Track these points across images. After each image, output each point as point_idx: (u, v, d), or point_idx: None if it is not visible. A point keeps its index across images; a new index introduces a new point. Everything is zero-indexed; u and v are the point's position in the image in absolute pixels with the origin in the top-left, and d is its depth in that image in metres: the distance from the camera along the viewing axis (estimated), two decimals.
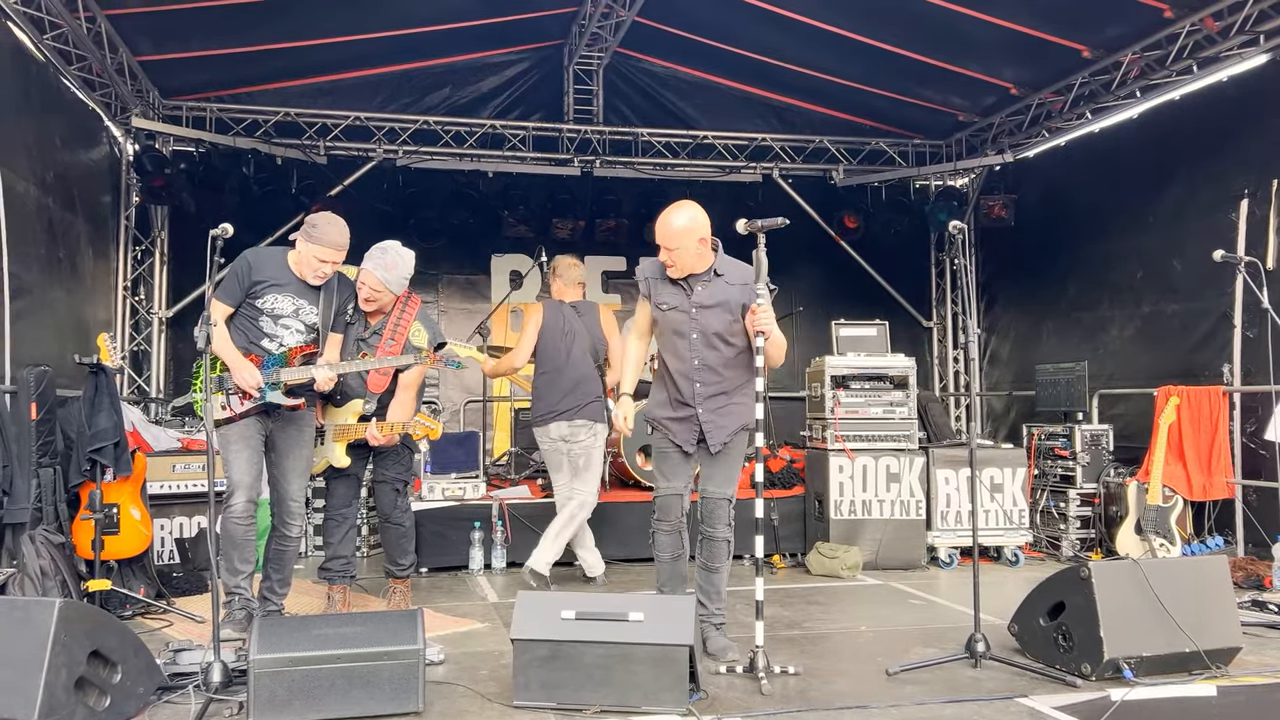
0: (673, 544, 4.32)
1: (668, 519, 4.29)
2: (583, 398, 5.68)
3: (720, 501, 4.24)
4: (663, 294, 4.27)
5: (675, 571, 4.33)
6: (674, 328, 4.24)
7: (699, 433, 4.23)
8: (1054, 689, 3.76)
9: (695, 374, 4.21)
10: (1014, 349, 9.71)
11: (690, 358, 4.20)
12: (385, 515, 5.13)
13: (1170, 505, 6.31)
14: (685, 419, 4.24)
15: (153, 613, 5.01)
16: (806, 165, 9.81)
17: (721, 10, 7.77)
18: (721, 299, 4.17)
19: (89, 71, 7.31)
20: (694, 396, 4.21)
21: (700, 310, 4.18)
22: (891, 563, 6.47)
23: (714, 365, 4.20)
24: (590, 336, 5.75)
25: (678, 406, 4.25)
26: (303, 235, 4.47)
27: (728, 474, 4.27)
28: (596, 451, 5.79)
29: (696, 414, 4.21)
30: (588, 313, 5.85)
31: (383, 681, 3.38)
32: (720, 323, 4.17)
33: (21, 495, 4.97)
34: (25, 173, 6.18)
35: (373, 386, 4.86)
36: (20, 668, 3.04)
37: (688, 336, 4.20)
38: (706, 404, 4.20)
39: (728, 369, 4.20)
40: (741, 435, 4.27)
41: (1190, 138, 7.35)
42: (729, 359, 4.20)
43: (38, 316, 6.29)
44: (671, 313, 4.24)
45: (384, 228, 6.35)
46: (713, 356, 4.19)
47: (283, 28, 7.60)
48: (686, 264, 4.16)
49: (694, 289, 4.20)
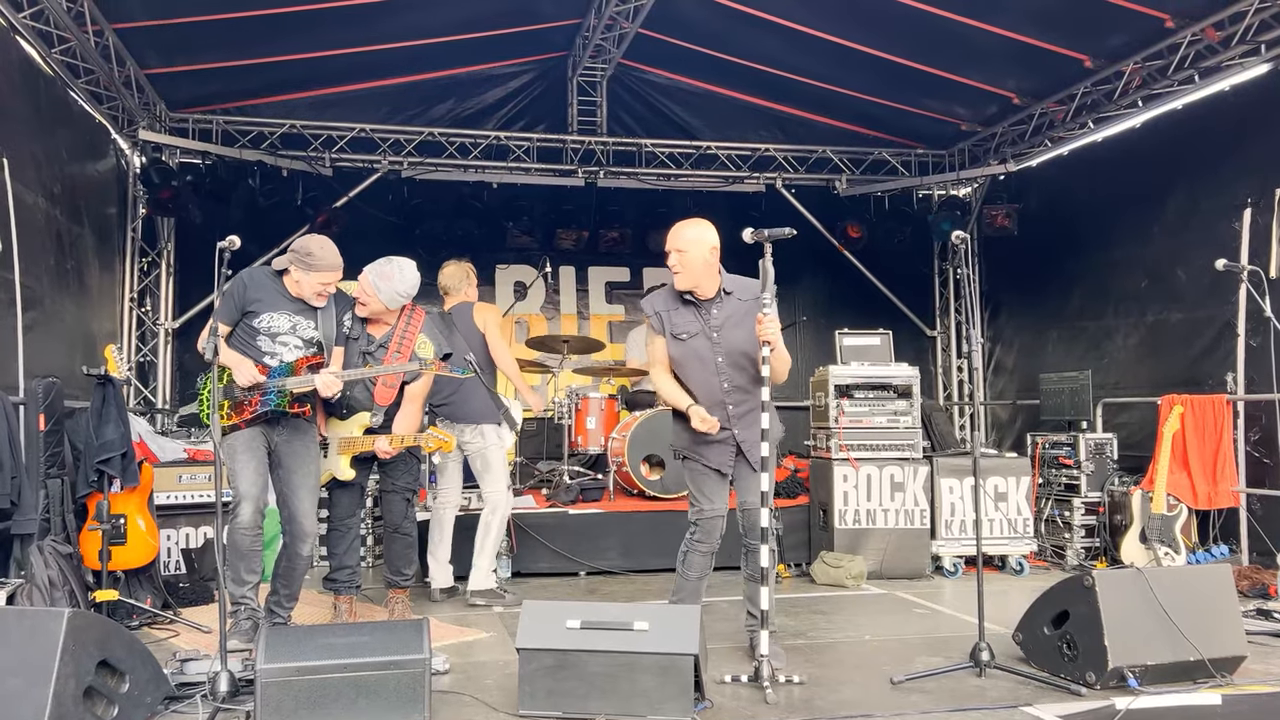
0: (704, 565, 4.29)
1: (708, 541, 4.26)
2: (460, 403, 5.62)
3: (759, 511, 4.15)
4: (678, 323, 4.23)
5: (697, 590, 4.31)
6: (697, 355, 4.20)
7: (735, 450, 4.22)
8: (1058, 698, 3.76)
9: (727, 396, 4.19)
10: (1018, 358, 9.72)
11: (719, 381, 4.18)
12: (395, 525, 5.14)
13: (1175, 514, 6.31)
14: (721, 441, 4.21)
15: (159, 623, 5.03)
16: (809, 175, 9.84)
17: (724, 21, 7.80)
18: (739, 316, 4.17)
19: (96, 85, 7.37)
20: (729, 419, 4.18)
21: (720, 332, 4.18)
22: (896, 572, 6.47)
23: (743, 384, 4.19)
24: (464, 340, 5.64)
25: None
26: (297, 265, 4.46)
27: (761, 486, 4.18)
28: (491, 451, 5.69)
29: (733, 434, 4.20)
30: (460, 316, 5.79)
31: (389, 691, 3.39)
32: (741, 339, 4.15)
33: (30, 506, 4.99)
34: (35, 185, 6.24)
35: (380, 399, 4.88)
36: (29, 677, 3.06)
37: (712, 361, 4.18)
38: (740, 422, 4.19)
39: (755, 384, 4.14)
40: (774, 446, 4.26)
41: (1192, 147, 7.37)
42: (754, 375, 4.14)
43: (47, 328, 6.33)
44: (692, 340, 4.20)
45: (389, 239, 6.42)
46: (740, 376, 4.19)
47: (288, 40, 7.65)
48: (694, 271, 4.15)
49: (710, 311, 4.20)
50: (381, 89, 8.98)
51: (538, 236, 9.32)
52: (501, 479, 5.73)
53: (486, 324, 5.78)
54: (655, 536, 6.44)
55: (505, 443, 5.83)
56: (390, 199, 9.11)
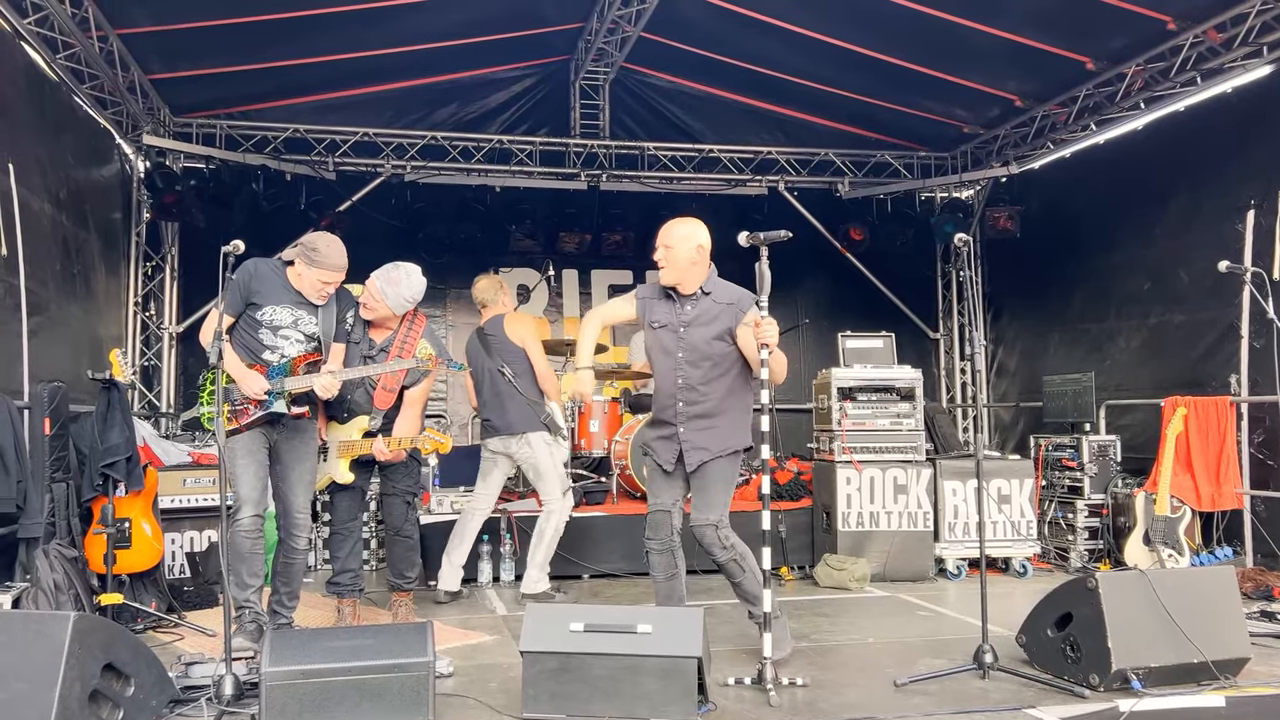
0: (665, 564, 4.31)
1: (657, 536, 4.30)
2: (501, 414, 5.73)
3: (704, 528, 4.19)
4: (656, 312, 4.32)
5: (671, 591, 4.33)
6: (662, 345, 4.28)
7: (678, 452, 4.25)
8: (1062, 700, 3.76)
9: (679, 392, 4.24)
10: (1021, 360, 9.72)
11: (675, 376, 4.24)
12: (396, 528, 5.15)
13: (1178, 516, 6.30)
14: (668, 437, 4.28)
15: (164, 626, 5.04)
16: (812, 178, 9.84)
17: (727, 25, 7.81)
18: (709, 317, 4.21)
19: (101, 90, 7.39)
20: (676, 415, 4.24)
21: (687, 328, 4.23)
22: (899, 574, 6.47)
23: (696, 384, 4.22)
24: (498, 353, 5.75)
25: (661, 425, 4.31)
26: (301, 258, 4.50)
27: (709, 499, 4.21)
28: (542, 459, 5.77)
29: (678, 432, 4.24)
30: (495, 329, 5.86)
31: (393, 694, 3.40)
32: (705, 341, 4.19)
33: (35, 510, 5.00)
34: (40, 190, 6.26)
35: (379, 403, 4.90)
36: (35, 680, 3.07)
37: (674, 354, 4.24)
38: (689, 424, 4.22)
39: (712, 389, 4.19)
40: (727, 460, 4.23)
41: (1195, 149, 7.37)
42: (714, 379, 4.19)
43: (53, 332, 6.35)
44: (661, 330, 4.28)
45: (392, 243, 6.44)
46: (696, 375, 4.22)
47: (292, 45, 7.67)
48: (679, 268, 4.21)
49: (684, 307, 4.26)
50: (385, 93, 9.00)
51: (540, 240, 9.34)
52: (556, 485, 5.82)
53: (525, 338, 5.85)
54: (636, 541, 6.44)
55: (559, 450, 5.92)
56: (393, 203, 9.12)
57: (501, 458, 5.88)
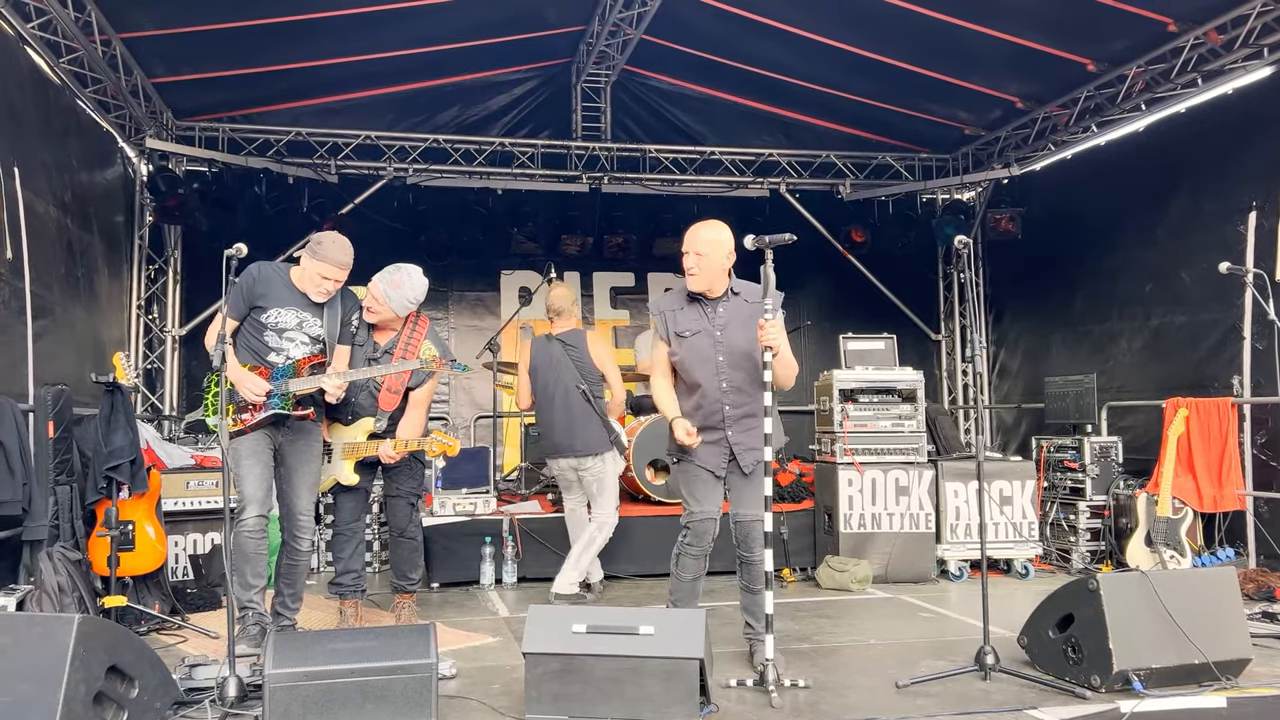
0: (698, 567, 4.30)
1: (700, 544, 4.25)
2: (579, 434, 5.74)
3: (755, 524, 4.17)
4: (683, 321, 4.26)
5: (693, 591, 4.33)
6: (698, 353, 4.22)
7: (729, 454, 4.22)
8: (1063, 701, 3.76)
9: (724, 396, 4.19)
10: (1023, 362, 9.72)
11: (718, 380, 4.19)
12: (399, 530, 5.16)
13: (1180, 517, 6.30)
14: (714, 443, 4.22)
15: (167, 628, 5.05)
16: (813, 180, 9.86)
17: (728, 27, 7.83)
18: (744, 317, 4.18)
19: (104, 94, 7.42)
20: (724, 420, 4.19)
21: (725, 331, 4.20)
22: (901, 576, 6.47)
23: (742, 385, 4.19)
24: (577, 368, 5.77)
25: (705, 431, 4.22)
26: (308, 252, 4.54)
27: (756, 496, 4.17)
28: (609, 476, 5.84)
29: (726, 436, 4.20)
30: (576, 343, 5.84)
31: (396, 696, 3.41)
32: (745, 340, 4.15)
33: (39, 513, 5.02)
34: (45, 194, 6.28)
35: (384, 405, 4.91)
36: (40, 682, 3.08)
37: (714, 359, 4.20)
38: (736, 425, 4.19)
39: (755, 388, 4.14)
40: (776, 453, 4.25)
41: (1196, 150, 7.37)
42: (755, 378, 4.14)
43: (57, 335, 6.37)
44: (695, 338, 4.22)
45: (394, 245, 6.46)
46: (740, 377, 4.19)
47: (294, 48, 7.69)
48: (710, 274, 4.19)
49: (716, 310, 4.23)
50: (387, 96, 9.02)
51: (542, 242, 9.36)
52: (612, 501, 5.89)
53: (605, 360, 5.88)
54: (660, 541, 6.41)
55: (619, 467, 5.99)
56: (395, 205, 9.13)
57: (571, 474, 5.92)
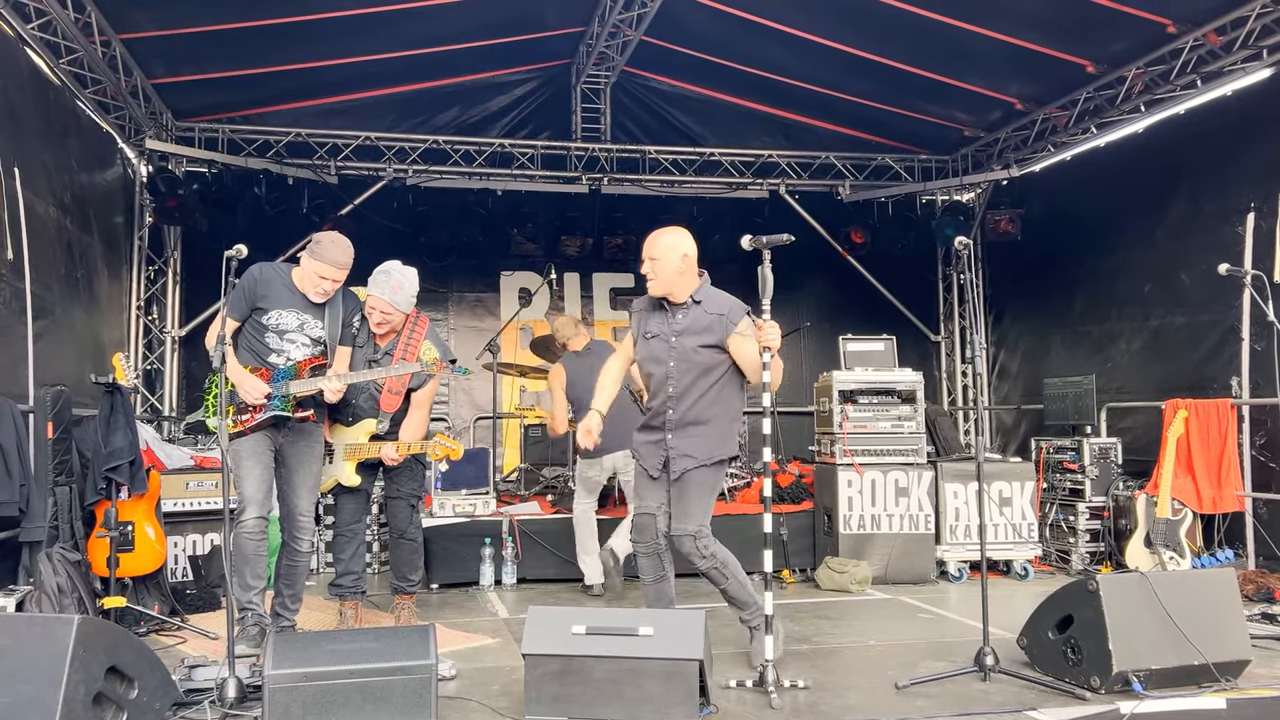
0: (653, 566, 4.30)
1: (643, 539, 4.30)
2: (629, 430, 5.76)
3: (681, 538, 4.16)
4: (649, 324, 4.35)
5: (660, 594, 4.32)
6: (654, 354, 4.29)
7: (664, 458, 4.25)
8: (1063, 702, 3.77)
9: (669, 400, 4.24)
10: (1022, 363, 9.72)
11: (666, 384, 4.25)
12: (400, 531, 5.16)
13: (1179, 518, 6.30)
14: (655, 443, 4.29)
15: (167, 629, 5.04)
16: (813, 181, 9.86)
17: (728, 28, 7.83)
18: (699, 326, 4.22)
19: (104, 95, 7.42)
20: (665, 422, 4.25)
21: (679, 337, 4.24)
22: (901, 577, 6.48)
23: (687, 392, 4.22)
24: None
25: (649, 431, 4.32)
26: (307, 252, 4.55)
27: (686, 508, 4.18)
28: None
29: (665, 439, 4.25)
30: (602, 352, 5.96)
31: (395, 697, 3.41)
32: (695, 349, 4.19)
33: (38, 514, 5.02)
34: (45, 194, 6.28)
35: (385, 406, 4.91)
36: (39, 683, 3.08)
37: (666, 363, 4.25)
38: (677, 431, 4.23)
39: (702, 398, 4.20)
40: (710, 469, 4.22)
41: (1196, 151, 7.37)
42: (705, 388, 4.20)
43: (57, 336, 6.38)
44: (653, 340, 4.30)
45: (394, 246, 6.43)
46: (686, 382, 4.22)
47: (294, 49, 7.70)
48: (666, 278, 4.24)
49: (675, 316, 4.28)
50: (386, 97, 9.03)
51: (542, 243, 9.36)
52: None
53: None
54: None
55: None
56: (395, 206, 9.14)
57: (609, 472, 6.11)
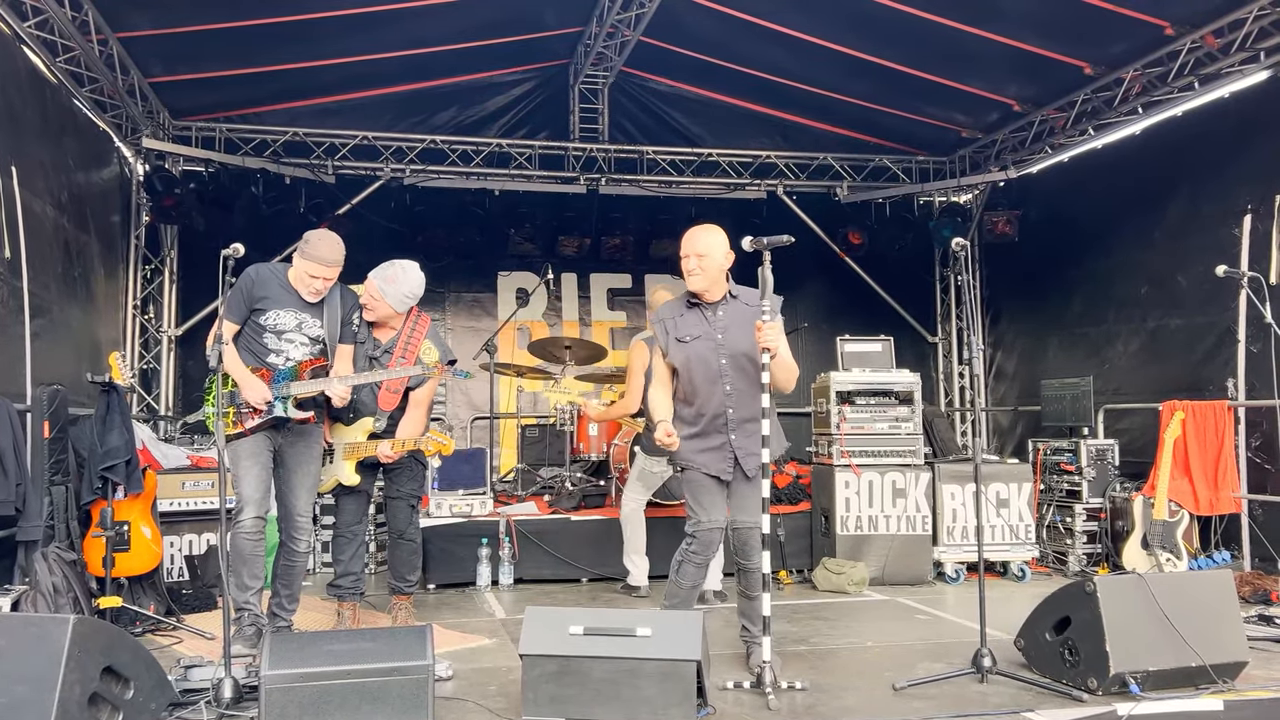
0: (698, 576, 4.28)
1: (705, 553, 4.23)
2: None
3: (754, 531, 4.16)
4: (683, 327, 4.24)
5: (689, 599, 4.31)
6: (700, 357, 4.19)
7: (734, 459, 4.20)
8: (1060, 704, 3.76)
9: (727, 400, 4.18)
10: (1019, 364, 9.73)
11: (721, 384, 4.18)
12: (399, 531, 5.14)
13: (1176, 520, 6.31)
14: (718, 447, 4.20)
15: (163, 629, 5.04)
16: (811, 182, 9.86)
17: (726, 29, 7.83)
18: (744, 320, 4.16)
19: (100, 93, 7.40)
20: (727, 424, 4.18)
21: (725, 334, 4.19)
22: (898, 578, 6.47)
23: (744, 389, 4.17)
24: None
25: (709, 437, 4.21)
26: (298, 251, 4.53)
27: (754, 503, 4.17)
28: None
29: (730, 440, 4.19)
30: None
31: (392, 697, 3.40)
32: (746, 343, 4.13)
33: (34, 513, 5.01)
34: (42, 193, 6.27)
35: (384, 404, 4.90)
36: (35, 683, 3.07)
37: (716, 363, 4.18)
38: (740, 430, 4.18)
39: (757, 391, 4.10)
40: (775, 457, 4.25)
41: (1193, 154, 7.39)
42: (757, 382, 4.11)
43: (54, 335, 6.36)
44: (696, 343, 4.20)
45: (391, 246, 6.44)
46: (742, 380, 4.18)
47: (291, 49, 7.68)
48: (712, 275, 4.18)
49: (716, 313, 4.22)
50: (384, 97, 9.02)
51: (540, 243, 9.35)
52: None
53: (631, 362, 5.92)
54: (657, 543, 6.43)
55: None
56: (393, 206, 9.13)
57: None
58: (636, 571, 6.09)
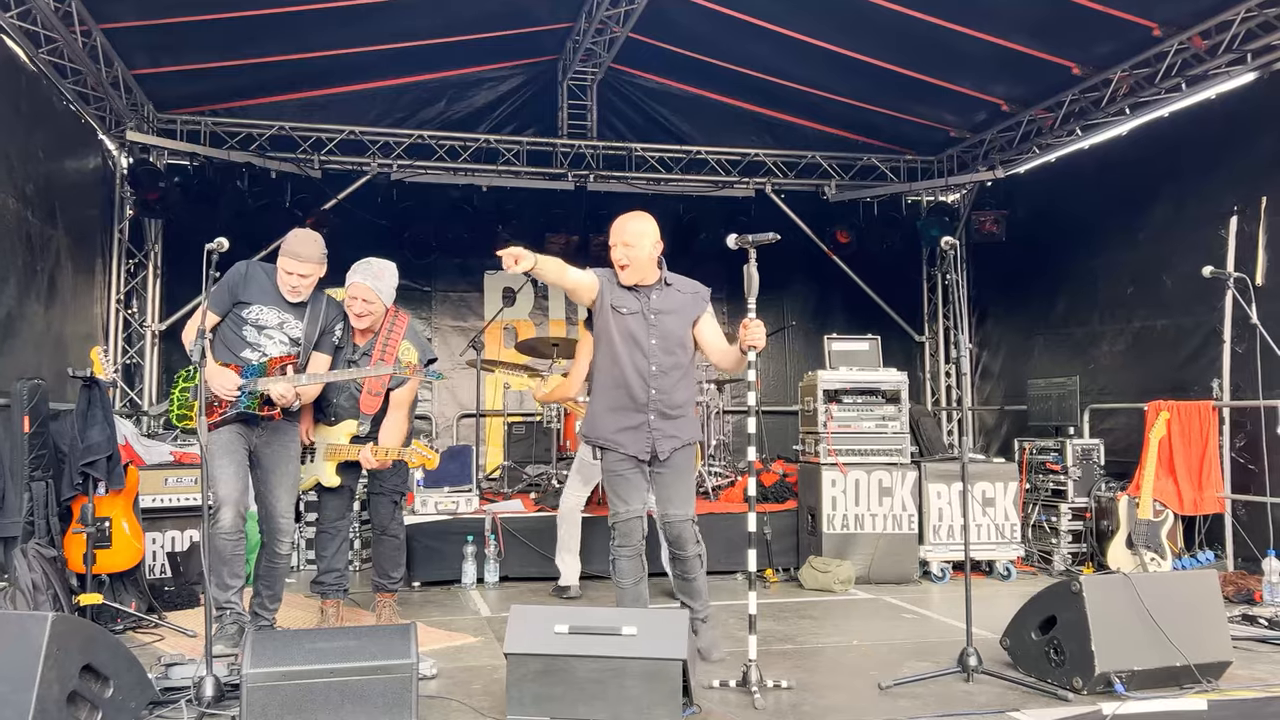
0: (634, 569, 4.28)
1: (629, 543, 4.26)
2: None
3: (684, 524, 4.20)
4: (620, 298, 4.27)
5: (639, 595, 4.31)
6: (630, 333, 4.23)
7: (651, 442, 4.23)
8: (1045, 703, 3.77)
9: (652, 380, 4.22)
10: (1006, 363, 9.75)
11: (647, 363, 4.22)
12: (382, 528, 5.11)
13: (1161, 520, 6.33)
14: (637, 427, 4.23)
15: (144, 627, 4.99)
16: (799, 180, 9.87)
17: (715, 26, 7.82)
18: (676, 306, 4.27)
19: (84, 85, 7.33)
20: (648, 403, 4.22)
21: (659, 316, 4.25)
22: (884, 577, 6.48)
23: (669, 371, 4.25)
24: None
25: (628, 415, 4.23)
26: (281, 249, 4.51)
27: (685, 493, 4.25)
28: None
29: (648, 421, 4.22)
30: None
31: (375, 696, 3.37)
32: (678, 329, 4.24)
33: (13, 509, 4.96)
34: (16, 186, 6.15)
35: (365, 408, 4.84)
36: (12, 682, 3.03)
37: (644, 341, 4.23)
38: (659, 413, 4.23)
39: (681, 378, 4.26)
40: (690, 449, 4.29)
41: (1180, 155, 7.41)
42: (683, 367, 4.27)
43: (33, 329, 6.28)
44: (629, 317, 4.24)
45: (378, 242, 6.39)
46: (669, 362, 4.25)
47: (278, 41, 7.64)
48: (641, 265, 4.23)
49: (650, 297, 4.27)
50: (371, 91, 8.97)
51: (527, 240, 9.04)
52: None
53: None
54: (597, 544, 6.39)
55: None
56: (379, 201, 9.08)
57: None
58: (567, 571, 5.98)
